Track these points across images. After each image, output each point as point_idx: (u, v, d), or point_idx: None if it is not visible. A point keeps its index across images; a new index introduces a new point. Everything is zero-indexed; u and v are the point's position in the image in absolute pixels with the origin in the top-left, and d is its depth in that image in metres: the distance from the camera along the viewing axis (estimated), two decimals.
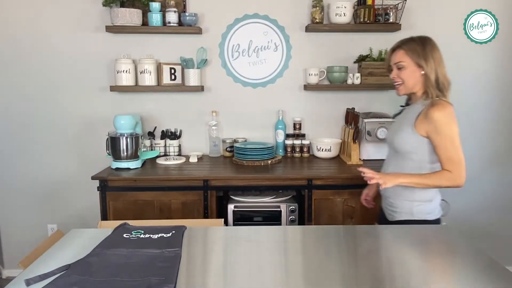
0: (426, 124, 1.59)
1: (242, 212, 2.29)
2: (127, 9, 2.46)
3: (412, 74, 1.65)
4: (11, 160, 2.75)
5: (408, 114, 1.71)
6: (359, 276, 1.21)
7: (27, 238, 2.76)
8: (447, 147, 1.56)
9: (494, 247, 2.79)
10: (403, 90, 1.70)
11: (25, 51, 2.63)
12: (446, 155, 1.57)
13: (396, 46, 1.71)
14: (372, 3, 2.53)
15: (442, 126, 1.55)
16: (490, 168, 2.85)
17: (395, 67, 1.69)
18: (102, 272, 1.17)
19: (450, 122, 1.57)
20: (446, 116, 1.56)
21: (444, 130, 1.55)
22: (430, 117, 1.57)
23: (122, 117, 2.40)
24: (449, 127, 1.56)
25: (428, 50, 1.64)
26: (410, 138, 1.63)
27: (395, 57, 1.69)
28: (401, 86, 1.69)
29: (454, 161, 1.56)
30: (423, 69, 1.63)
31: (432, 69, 1.63)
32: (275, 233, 1.55)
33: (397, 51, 1.69)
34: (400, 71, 1.67)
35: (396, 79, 1.70)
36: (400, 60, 1.66)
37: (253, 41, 2.69)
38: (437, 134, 1.57)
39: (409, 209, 1.69)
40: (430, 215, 1.70)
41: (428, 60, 1.63)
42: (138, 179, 2.26)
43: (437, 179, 1.58)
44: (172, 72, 2.62)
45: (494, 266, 1.24)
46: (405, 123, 1.68)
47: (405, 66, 1.65)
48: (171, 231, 1.46)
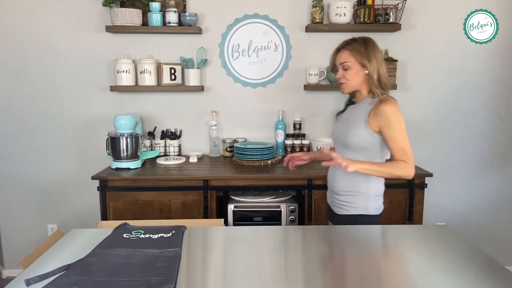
0: (377, 119, 1.64)
1: (242, 212, 2.29)
2: (127, 9, 2.46)
3: (356, 74, 1.71)
4: (11, 160, 2.75)
5: (357, 112, 1.74)
6: (359, 276, 1.21)
7: (27, 238, 2.76)
8: (399, 139, 1.62)
9: (494, 247, 2.80)
10: (347, 88, 1.76)
11: (25, 51, 2.63)
12: (399, 146, 1.62)
13: (341, 47, 1.76)
14: (372, 3, 2.53)
15: (393, 119, 1.62)
16: (490, 168, 2.85)
17: (340, 67, 1.74)
18: (102, 272, 1.17)
19: (400, 116, 1.64)
20: (396, 111, 1.63)
21: (395, 123, 1.62)
22: (381, 112, 1.63)
23: (122, 117, 2.40)
24: (399, 121, 1.63)
25: (370, 50, 1.71)
26: (364, 135, 1.67)
27: (340, 57, 1.74)
28: (345, 85, 1.75)
29: (406, 153, 1.62)
30: (367, 68, 1.69)
31: (374, 68, 1.69)
32: (275, 233, 1.55)
33: (342, 52, 1.74)
34: (346, 71, 1.73)
35: (342, 79, 1.74)
36: (346, 61, 1.72)
37: (253, 41, 2.69)
38: (389, 127, 1.62)
39: (365, 204, 1.72)
40: (379, 209, 1.77)
41: (371, 60, 1.69)
42: (138, 179, 2.26)
43: (393, 168, 1.62)
44: (172, 72, 2.62)
45: (494, 266, 1.24)
46: (356, 121, 1.71)
47: (350, 67, 1.71)
48: (171, 231, 1.46)
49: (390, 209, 2.27)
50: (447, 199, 2.85)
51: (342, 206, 1.78)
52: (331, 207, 1.86)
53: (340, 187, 1.77)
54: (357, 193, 1.73)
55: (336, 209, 1.81)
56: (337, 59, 1.76)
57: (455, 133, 2.80)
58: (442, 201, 2.83)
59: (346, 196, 1.76)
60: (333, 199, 1.83)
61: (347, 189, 1.75)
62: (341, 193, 1.77)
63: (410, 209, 2.28)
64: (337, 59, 1.76)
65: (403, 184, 2.26)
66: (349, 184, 1.74)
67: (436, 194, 2.77)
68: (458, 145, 2.81)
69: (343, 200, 1.77)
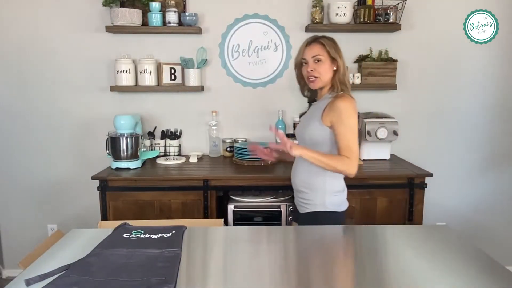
0: (331, 114, 1.65)
1: (242, 212, 2.28)
2: (127, 9, 2.46)
3: (328, 69, 1.70)
4: (11, 160, 2.75)
5: (316, 108, 1.75)
6: (359, 276, 1.21)
7: (27, 238, 2.76)
8: (347, 136, 1.62)
9: (494, 247, 2.79)
10: (319, 83, 1.73)
11: (25, 51, 2.63)
12: (346, 143, 1.62)
13: (312, 40, 1.73)
14: (372, 3, 2.53)
15: (346, 116, 1.62)
16: (490, 168, 2.85)
17: (312, 60, 1.70)
18: (102, 272, 1.17)
19: (353, 114, 1.63)
20: (350, 108, 1.63)
21: (347, 120, 1.62)
22: (336, 107, 1.63)
23: (122, 117, 2.40)
24: (351, 118, 1.63)
25: (338, 47, 1.73)
26: (319, 130, 1.69)
27: (312, 50, 1.70)
28: (317, 80, 1.71)
29: (352, 150, 1.62)
30: (336, 64, 1.70)
31: (341, 65, 1.71)
32: (275, 233, 1.55)
33: (315, 45, 1.71)
34: (318, 64, 1.70)
35: (314, 73, 1.70)
36: (319, 54, 1.69)
37: (253, 41, 2.69)
38: (340, 123, 1.62)
39: (322, 200, 1.73)
40: (340, 206, 1.77)
41: (340, 56, 1.71)
42: (138, 179, 2.26)
43: (336, 161, 1.62)
44: (172, 72, 2.62)
45: (494, 266, 1.24)
46: (313, 118, 1.73)
47: (323, 60, 1.69)
48: (171, 231, 1.46)
49: (390, 209, 2.28)
50: (447, 199, 2.85)
51: (303, 204, 1.79)
52: (296, 206, 1.87)
53: (298, 182, 1.79)
54: (314, 190, 1.73)
55: (299, 208, 1.82)
56: (308, 53, 1.71)
57: (455, 133, 2.80)
58: (442, 201, 2.83)
59: (304, 194, 1.77)
60: (297, 198, 1.85)
61: (304, 184, 1.76)
62: (299, 188, 1.79)
63: (410, 209, 2.28)
64: (308, 52, 1.71)
65: (403, 184, 2.26)
66: (305, 179, 1.75)
67: (436, 194, 2.76)
68: (458, 145, 2.81)
69: (303, 197, 1.78)
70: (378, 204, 2.28)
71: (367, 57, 2.63)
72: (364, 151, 2.57)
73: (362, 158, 2.57)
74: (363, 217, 2.26)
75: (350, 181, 2.25)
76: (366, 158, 2.58)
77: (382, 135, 2.46)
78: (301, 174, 1.78)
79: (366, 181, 2.27)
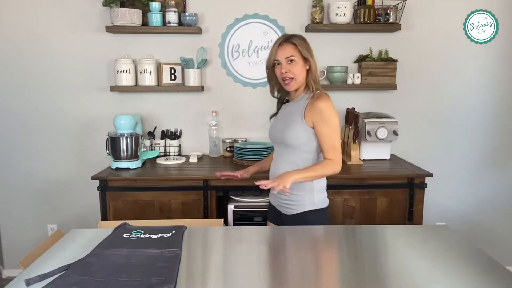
0: (312, 114, 1.64)
1: (242, 212, 2.28)
2: (127, 9, 2.46)
3: (302, 69, 1.69)
4: (11, 160, 2.75)
5: (294, 109, 1.73)
6: (359, 276, 1.21)
7: (27, 238, 2.76)
8: (332, 135, 1.63)
9: (494, 247, 2.80)
10: (294, 85, 1.71)
11: (25, 51, 2.63)
12: (330, 143, 1.63)
13: (284, 40, 1.70)
14: (372, 3, 2.53)
15: (328, 116, 1.63)
16: (490, 168, 2.85)
17: (285, 61, 1.68)
18: (102, 272, 1.17)
19: (334, 113, 1.65)
20: (331, 107, 1.64)
21: (329, 119, 1.63)
22: (317, 107, 1.63)
23: (122, 117, 2.40)
24: (334, 118, 1.64)
25: (309, 46, 1.72)
26: (302, 130, 1.67)
27: (285, 51, 1.67)
28: (292, 81, 1.69)
29: (336, 149, 1.63)
30: (309, 63, 1.69)
31: (314, 64, 1.70)
32: (275, 233, 1.55)
33: (287, 45, 1.68)
34: (291, 65, 1.68)
35: (289, 74, 1.68)
36: (292, 54, 1.67)
37: (253, 41, 2.69)
38: (323, 123, 1.63)
39: (311, 199, 1.72)
40: (325, 202, 1.78)
41: (312, 55, 1.71)
42: (138, 179, 2.26)
43: (322, 169, 1.63)
44: (172, 72, 2.62)
45: (494, 266, 1.24)
46: (293, 118, 1.70)
47: (296, 61, 1.67)
48: (171, 231, 1.46)
49: (390, 209, 2.28)
50: (447, 199, 2.85)
51: (289, 206, 1.75)
52: (278, 208, 1.82)
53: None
54: (302, 190, 1.71)
55: (284, 209, 1.78)
56: (281, 54, 1.68)
57: (455, 133, 2.80)
58: (442, 201, 2.83)
59: (292, 196, 1.73)
60: (279, 200, 1.80)
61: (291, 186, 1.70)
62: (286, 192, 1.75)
63: (410, 209, 2.28)
64: (281, 53, 1.68)
65: (403, 184, 2.26)
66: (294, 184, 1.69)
67: (436, 194, 2.76)
68: (458, 145, 2.81)
69: (290, 199, 1.74)
70: (378, 204, 2.28)
71: (367, 57, 2.64)
72: (364, 151, 2.57)
73: (362, 158, 2.57)
74: (363, 217, 2.26)
75: (350, 181, 2.27)
76: (366, 158, 2.58)
77: (382, 135, 2.46)
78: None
79: (366, 181, 2.27)
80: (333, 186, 2.24)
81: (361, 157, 2.57)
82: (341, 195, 2.26)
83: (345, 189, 2.25)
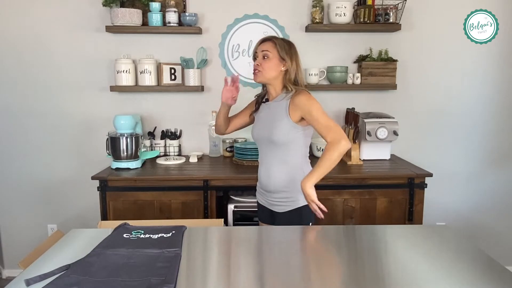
0: (297, 109, 1.71)
1: (242, 212, 2.28)
2: (127, 9, 2.46)
3: (274, 67, 1.75)
4: (11, 160, 2.75)
5: (276, 108, 1.78)
6: (359, 276, 1.21)
7: (27, 238, 2.76)
8: (321, 118, 1.67)
9: (494, 247, 2.80)
10: (260, 77, 1.78)
11: (25, 52, 2.63)
12: (323, 125, 1.66)
13: (267, 38, 1.79)
14: (372, 3, 2.53)
15: (310, 104, 1.69)
16: (490, 168, 2.85)
17: (261, 55, 1.77)
18: (102, 272, 1.17)
19: (314, 101, 1.71)
20: (310, 98, 1.72)
21: (313, 106, 1.68)
22: (299, 102, 1.70)
23: (122, 117, 2.40)
24: (315, 104, 1.69)
25: (293, 52, 1.78)
26: (288, 126, 1.72)
27: (263, 46, 1.78)
28: (259, 74, 1.77)
29: (331, 128, 1.65)
30: (285, 65, 1.75)
31: (293, 69, 1.76)
32: (275, 233, 1.55)
33: (267, 42, 1.78)
34: (264, 60, 1.75)
35: (258, 67, 1.77)
36: (267, 50, 1.75)
37: (253, 41, 2.69)
38: (310, 112, 1.68)
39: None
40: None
41: (292, 59, 1.76)
42: (138, 179, 2.26)
43: (330, 155, 1.62)
44: (172, 72, 2.62)
45: (494, 266, 1.24)
46: (278, 117, 1.75)
47: (270, 57, 1.75)
48: (171, 231, 1.46)
49: (390, 209, 2.28)
50: (447, 199, 2.85)
51: (282, 204, 1.78)
52: (269, 207, 1.85)
53: (276, 184, 1.79)
54: (296, 186, 1.71)
55: (277, 207, 1.81)
56: (260, 47, 1.78)
57: (455, 133, 2.80)
58: (442, 201, 2.83)
59: (285, 193, 1.76)
60: (268, 198, 1.84)
61: (284, 184, 1.77)
62: (279, 189, 1.78)
63: (410, 209, 2.28)
64: (260, 47, 1.78)
65: (403, 184, 2.26)
66: (284, 178, 1.76)
67: (436, 194, 2.76)
68: (458, 145, 2.81)
69: (282, 197, 1.78)
70: (378, 204, 2.28)
71: (367, 57, 2.64)
72: (364, 151, 2.57)
73: (362, 158, 2.57)
74: (363, 217, 2.27)
75: (350, 181, 2.27)
76: (366, 158, 2.58)
77: (382, 135, 2.46)
78: (279, 176, 1.77)
79: (366, 181, 2.27)
80: (333, 186, 2.25)
81: (361, 157, 2.57)
82: (341, 195, 2.26)
83: (345, 189, 2.25)
